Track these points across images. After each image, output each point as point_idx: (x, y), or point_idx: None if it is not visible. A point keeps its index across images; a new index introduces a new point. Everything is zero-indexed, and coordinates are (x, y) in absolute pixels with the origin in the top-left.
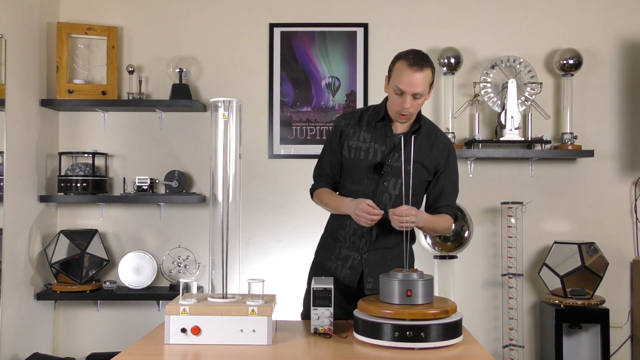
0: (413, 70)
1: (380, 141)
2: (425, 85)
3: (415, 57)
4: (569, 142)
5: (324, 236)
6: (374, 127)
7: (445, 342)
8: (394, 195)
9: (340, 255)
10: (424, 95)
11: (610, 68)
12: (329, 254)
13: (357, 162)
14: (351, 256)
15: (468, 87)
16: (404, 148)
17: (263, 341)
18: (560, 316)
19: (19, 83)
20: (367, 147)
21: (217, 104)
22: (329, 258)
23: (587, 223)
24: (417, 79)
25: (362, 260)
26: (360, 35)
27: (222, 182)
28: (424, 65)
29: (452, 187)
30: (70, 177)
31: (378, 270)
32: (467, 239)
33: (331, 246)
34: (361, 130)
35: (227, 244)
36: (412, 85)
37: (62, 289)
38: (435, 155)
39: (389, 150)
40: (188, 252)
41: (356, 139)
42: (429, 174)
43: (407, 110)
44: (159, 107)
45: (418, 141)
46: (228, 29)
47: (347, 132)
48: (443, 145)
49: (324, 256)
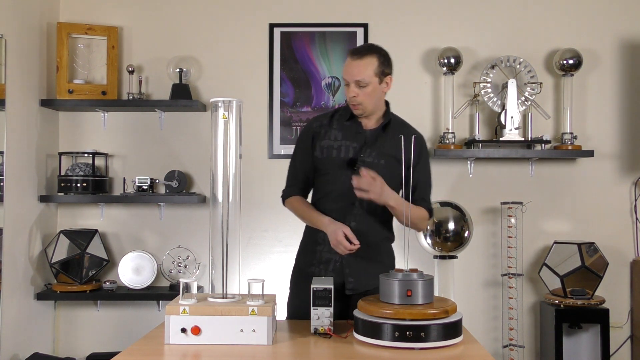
0: (352, 58)
1: (352, 138)
2: (367, 73)
3: (357, 48)
4: (569, 142)
5: (303, 242)
6: (345, 126)
7: (445, 342)
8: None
9: (322, 259)
10: (369, 83)
11: (610, 68)
12: (311, 259)
13: (330, 160)
14: (332, 258)
15: (468, 87)
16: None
17: (263, 341)
18: (560, 316)
19: (19, 83)
20: (339, 144)
21: (217, 104)
22: (312, 263)
23: (587, 223)
24: (355, 67)
25: (342, 261)
26: (360, 35)
27: (222, 182)
28: (364, 53)
29: (426, 179)
30: (70, 177)
31: (359, 270)
32: (467, 239)
33: (312, 251)
34: (332, 129)
35: (227, 244)
36: (352, 73)
37: (62, 289)
38: (406, 149)
39: (360, 146)
40: (188, 252)
41: (327, 138)
42: (401, 168)
43: (355, 100)
44: (159, 107)
45: (389, 135)
46: (228, 29)
47: (319, 133)
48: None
49: (307, 262)
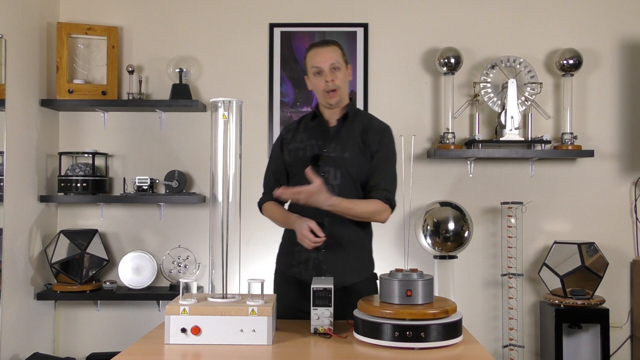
0: (320, 47)
1: (317, 136)
2: (337, 57)
3: (321, 40)
4: (569, 142)
5: (282, 243)
6: (310, 126)
7: (445, 342)
8: (336, 185)
9: (301, 259)
10: (341, 67)
11: (610, 68)
12: (291, 260)
13: (297, 161)
14: (311, 257)
15: (468, 87)
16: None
17: (263, 341)
18: (560, 316)
19: (19, 83)
20: (305, 145)
21: (217, 104)
22: (292, 264)
23: (587, 223)
24: (327, 52)
25: (320, 258)
26: (360, 35)
27: (222, 182)
28: (328, 42)
29: (384, 167)
30: (70, 177)
31: (336, 266)
32: (467, 239)
33: (291, 252)
34: (299, 133)
35: (227, 244)
36: (325, 58)
37: (62, 289)
38: (368, 138)
39: (324, 142)
40: (188, 252)
41: (295, 142)
42: (366, 159)
43: (332, 84)
44: (159, 107)
45: (352, 127)
46: (228, 29)
47: (287, 138)
48: (377, 128)
49: (287, 263)
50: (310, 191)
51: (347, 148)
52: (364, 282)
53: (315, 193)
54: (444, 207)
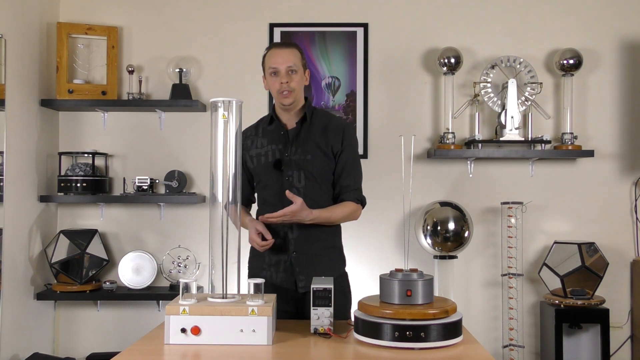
0: (279, 48)
1: (276, 141)
2: (295, 60)
3: (281, 41)
4: (569, 142)
5: (252, 248)
6: (268, 131)
7: (445, 342)
8: (301, 188)
9: (272, 261)
10: (298, 71)
11: (610, 68)
12: (261, 264)
13: (260, 167)
14: (281, 259)
15: (468, 87)
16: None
17: (263, 341)
18: (560, 316)
19: (19, 83)
20: (266, 150)
21: (217, 104)
22: (262, 267)
23: (587, 223)
24: (285, 54)
25: (291, 261)
26: (360, 35)
27: (222, 182)
28: (288, 44)
29: (352, 166)
30: (70, 177)
31: (309, 268)
32: (467, 239)
33: (261, 255)
34: (258, 138)
35: (227, 244)
36: (283, 59)
37: (62, 289)
38: (329, 138)
39: (284, 146)
40: (188, 252)
41: (255, 147)
42: (329, 159)
43: (286, 86)
44: (159, 107)
45: (311, 128)
46: (228, 29)
47: (247, 144)
48: (337, 127)
49: (257, 267)
50: (293, 211)
51: (308, 150)
52: (337, 279)
53: (297, 212)
54: (444, 207)
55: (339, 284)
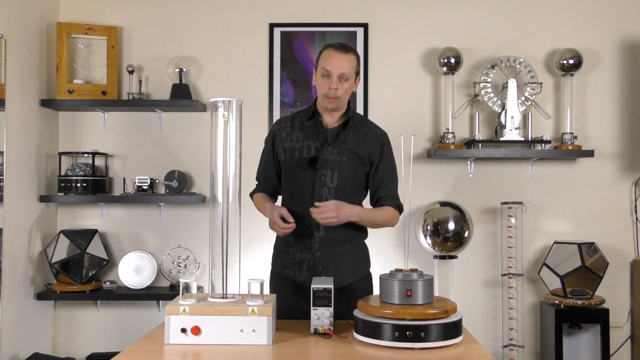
0: (338, 52)
1: (313, 137)
2: (350, 67)
3: (341, 44)
4: (569, 142)
5: (276, 244)
6: (306, 126)
7: (445, 342)
8: (333, 188)
9: (295, 260)
10: (349, 79)
11: (610, 68)
12: (285, 262)
13: (293, 161)
14: (305, 258)
15: (468, 87)
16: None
17: (263, 341)
18: (560, 316)
19: (19, 83)
20: (301, 145)
21: (217, 104)
22: (286, 265)
23: (587, 223)
24: (342, 60)
25: (315, 260)
26: (360, 35)
27: (222, 182)
28: (348, 49)
29: (391, 177)
30: (70, 177)
31: (332, 268)
32: (467, 239)
33: (285, 252)
34: (294, 131)
35: (227, 244)
36: (338, 65)
37: (62, 289)
38: (368, 145)
39: (321, 145)
40: (188, 252)
41: (289, 140)
42: (364, 164)
43: (334, 92)
44: (159, 107)
45: (350, 132)
46: (228, 29)
47: (280, 136)
48: (376, 136)
49: (281, 264)
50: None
51: (344, 153)
52: (361, 281)
53: (339, 207)
54: (444, 207)
55: (362, 285)
